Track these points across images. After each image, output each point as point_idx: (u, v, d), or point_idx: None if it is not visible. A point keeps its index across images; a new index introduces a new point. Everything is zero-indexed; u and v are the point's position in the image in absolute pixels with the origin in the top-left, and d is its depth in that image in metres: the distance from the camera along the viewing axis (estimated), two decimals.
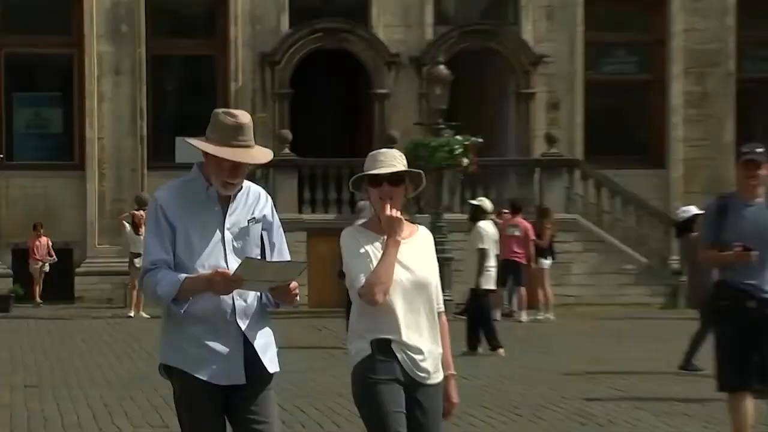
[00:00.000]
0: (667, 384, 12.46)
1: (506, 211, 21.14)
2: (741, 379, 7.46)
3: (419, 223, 5.70)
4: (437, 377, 5.11)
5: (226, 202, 4.86)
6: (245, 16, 24.90)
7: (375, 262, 5.05)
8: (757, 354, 7.44)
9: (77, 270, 23.69)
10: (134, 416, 10.68)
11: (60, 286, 23.80)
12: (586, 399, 11.28)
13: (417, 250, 5.17)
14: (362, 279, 5.02)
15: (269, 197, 5.13)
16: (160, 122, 25.71)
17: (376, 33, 25.29)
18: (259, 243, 4.99)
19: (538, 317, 20.86)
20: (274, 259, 5.02)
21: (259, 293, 4.94)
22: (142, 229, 20.43)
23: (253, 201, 5.02)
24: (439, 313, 5.25)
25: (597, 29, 25.72)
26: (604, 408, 10.47)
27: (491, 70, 25.80)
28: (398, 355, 5.04)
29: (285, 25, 25.37)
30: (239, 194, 4.90)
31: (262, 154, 4.92)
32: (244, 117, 4.84)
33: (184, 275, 4.74)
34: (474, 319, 15.59)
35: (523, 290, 20.72)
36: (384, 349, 5.03)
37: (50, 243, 22.86)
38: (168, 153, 24.79)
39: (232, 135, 4.75)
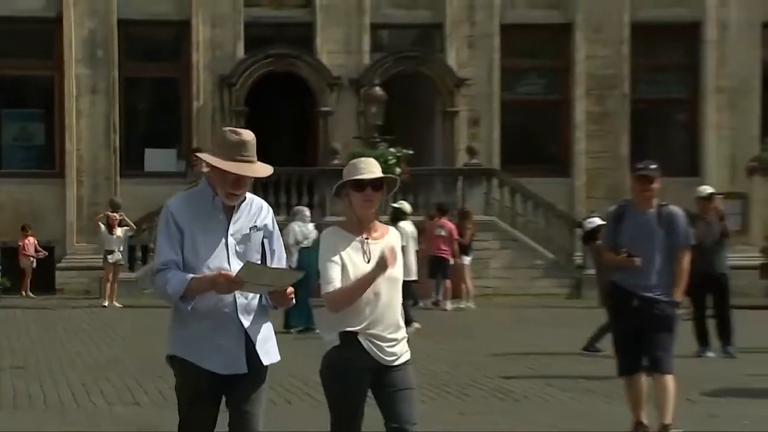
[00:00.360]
0: (574, 364, 12.99)
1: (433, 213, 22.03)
2: (632, 366, 7.94)
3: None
4: (404, 358, 5.37)
5: (230, 210, 5.09)
6: (206, 43, 26.41)
7: (347, 263, 5.27)
8: (641, 342, 7.94)
9: (58, 265, 24.71)
10: (108, 394, 11.14)
11: (43, 279, 24.59)
12: (504, 377, 11.73)
13: (388, 242, 5.46)
14: (331, 287, 5.23)
15: (270, 209, 5.35)
16: (130, 136, 26.84)
17: (321, 59, 26.72)
18: (260, 249, 5.17)
19: (461, 306, 21.59)
20: (273, 265, 5.18)
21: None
22: (116, 230, 21.51)
23: (256, 211, 5.23)
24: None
25: (511, 56, 27.11)
26: (520, 385, 10.99)
27: (421, 92, 27.10)
28: (364, 344, 5.25)
29: (241, 51, 26.78)
30: (243, 204, 5.12)
31: (263, 169, 5.14)
32: (247, 135, 5.10)
33: (191, 275, 4.91)
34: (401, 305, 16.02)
35: (448, 282, 21.47)
36: (351, 340, 5.25)
37: (36, 242, 23.97)
38: (138, 163, 26.50)
39: (237, 151, 4.98)
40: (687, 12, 27.34)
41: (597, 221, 14.06)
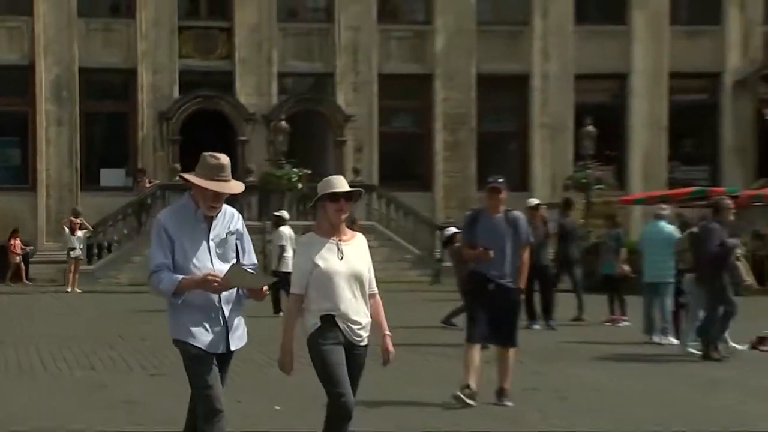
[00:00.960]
0: (436, 335, 13.79)
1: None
2: (476, 337, 8.40)
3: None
4: (366, 341, 5.63)
5: (209, 220, 5.26)
6: (149, 86, 28.64)
7: (320, 262, 5.49)
8: (493, 320, 8.33)
9: (31, 260, 26.79)
10: (70, 360, 11.63)
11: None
12: (377, 345, 11.07)
13: (355, 250, 5.61)
14: (296, 290, 5.61)
15: (240, 216, 5.50)
16: (89, 158, 29.15)
17: (239, 99, 28.93)
18: (235, 249, 5.36)
19: None
20: (244, 261, 5.35)
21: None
22: (77, 232, 23.41)
23: (229, 219, 5.39)
24: (372, 294, 5.68)
25: (387, 98, 29.63)
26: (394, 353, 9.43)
27: (317, 125, 29.25)
28: (340, 326, 5.52)
29: (176, 92, 29.01)
30: (219, 214, 5.28)
31: (236, 186, 5.31)
32: (224, 159, 5.28)
33: (180, 276, 5.10)
34: (277, 290, 16.65)
35: None
36: (330, 321, 5.51)
37: (21, 241, 26.27)
38: (95, 180, 28.88)
39: (215, 172, 5.18)
40: (518, 66, 29.81)
41: (453, 230, 14.91)
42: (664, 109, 30.09)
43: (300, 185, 25.51)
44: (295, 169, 25.67)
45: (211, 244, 5.29)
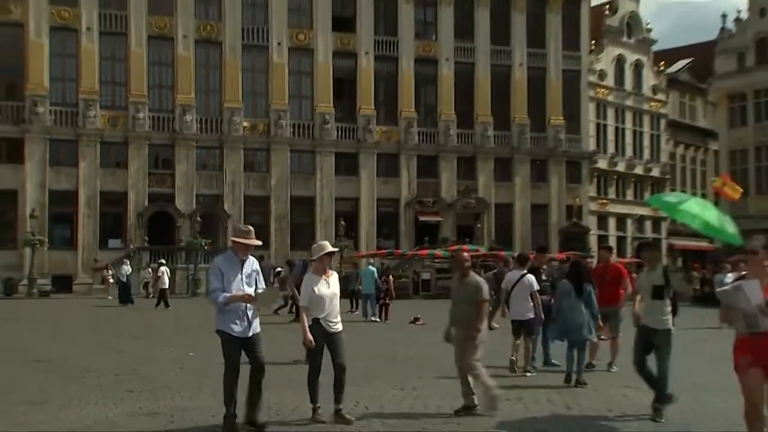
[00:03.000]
0: None
1: None
2: None
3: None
4: (341, 328, 8.18)
5: (242, 262, 7.46)
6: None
7: (316, 289, 7.88)
8: None
9: None
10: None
11: None
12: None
13: (333, 280, 8.11)
14: (304, 303, 8.00)
15: (257, 261, 7.72)
16: None
17: (177, 206, 43.66)
18: (254, 281, 7.55)
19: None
20: (259, 285, 7.53)
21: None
22: None
23: (252, 262, 7.59)
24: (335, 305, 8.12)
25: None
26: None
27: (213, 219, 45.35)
28: (323, 324, 7.97)
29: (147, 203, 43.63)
30: (247, 260, 7.52)
31: (257, 242, 7.54)
32: (250, 228, 7.61)
33: (228, 294, 7.34)
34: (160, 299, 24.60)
35: None
36: (317, 321, 7.94)
37: None
38: None
39: (245, 234, 7.52)
40: None
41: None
42: None
43: (206, 247, 40.67)
44: (203, 240, 41.40)
45: (243, 275, 7.52)
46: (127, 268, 33.77)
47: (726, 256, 41.88)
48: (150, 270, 37.99)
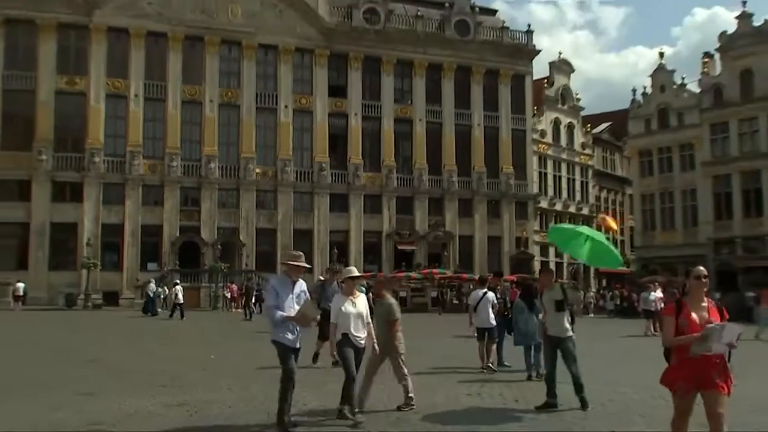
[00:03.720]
0: None
1: None
2: None
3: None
4: (365, 343, 7.46)
5: (293, 283, 6.90)
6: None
7: (343, 308, 7.24)
8: None
9: None
10: None
11: None
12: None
13: (359, 300, 7.47)
14: (334, 320, 7.37)
15: (304, 283, 7.01)
16: None
17: (203, 236, 42.98)
18: (303, 300, 6.99)
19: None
20: (302, 303, 6.93)
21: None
22: None
23: (301, 283, 7.00)
24: (368, 323, 7.39)
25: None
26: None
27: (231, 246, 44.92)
28: (351, 338, 7.31)
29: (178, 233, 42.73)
30: (297, 282, 6.95)
31: (306, 264, 6.94)
32: (301, 253, 7.05)
33: (284, 313, 6.85)
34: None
35: None
36: (346, 336, 7.30)
37: None
38: None
39: (296, 258, 6.99)
40: None
41: None
42: None
43: (224, 269, 39.89)
44: (223, 264, 40.62)
45: (294, 296, 7.01)
46: (152, 286, 33.50)
47: (639, 278, 43.83)
48: (166, 288, 37.71)
